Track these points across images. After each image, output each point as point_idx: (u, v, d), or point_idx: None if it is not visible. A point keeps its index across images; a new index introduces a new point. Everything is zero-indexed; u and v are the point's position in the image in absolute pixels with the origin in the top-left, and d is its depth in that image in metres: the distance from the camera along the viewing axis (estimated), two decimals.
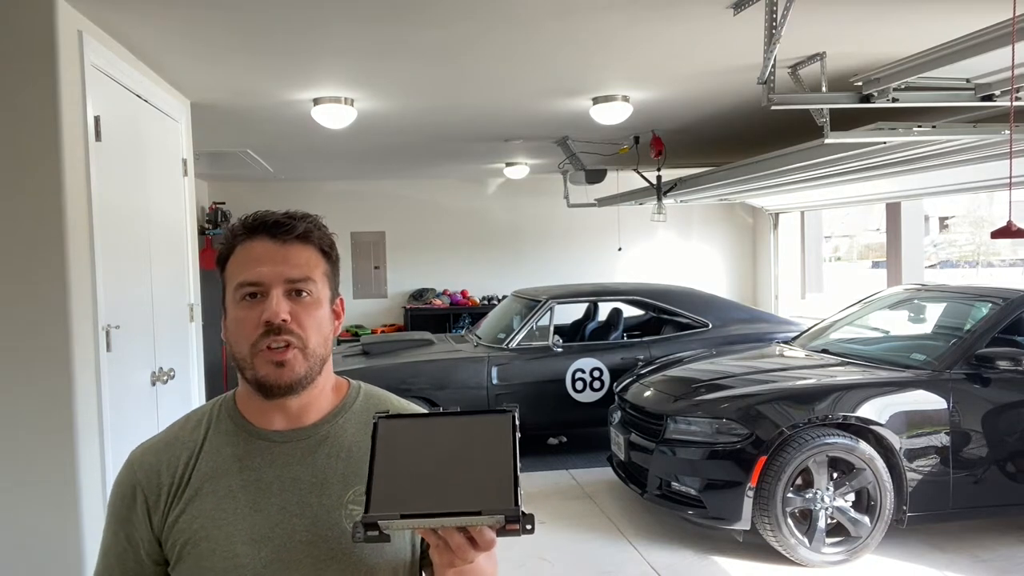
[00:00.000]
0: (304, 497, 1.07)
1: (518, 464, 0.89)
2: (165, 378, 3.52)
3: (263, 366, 1.05)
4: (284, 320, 1.04)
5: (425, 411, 1.04)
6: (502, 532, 0.87)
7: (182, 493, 1.07)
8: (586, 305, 6.93)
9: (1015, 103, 2.97)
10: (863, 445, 3.63)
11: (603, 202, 7.95)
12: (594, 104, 4.73)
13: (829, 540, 3.65)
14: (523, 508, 0.86)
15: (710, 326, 5.93)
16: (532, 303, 5.94)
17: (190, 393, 3.95)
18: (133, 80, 3.35)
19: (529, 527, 0.85)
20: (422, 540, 1.12)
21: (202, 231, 7.76)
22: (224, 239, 1.12)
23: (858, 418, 3.64)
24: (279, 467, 1.08)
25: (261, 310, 1.04)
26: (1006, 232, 2.49)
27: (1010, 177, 2.57)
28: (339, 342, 8.56)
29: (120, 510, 1.10)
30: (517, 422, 0.93)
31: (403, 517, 0.86)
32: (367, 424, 1.13)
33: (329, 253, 1.12)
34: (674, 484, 3.87)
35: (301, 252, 1.08)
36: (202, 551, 1.04)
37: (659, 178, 6.34)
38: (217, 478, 1.08)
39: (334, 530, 1.05)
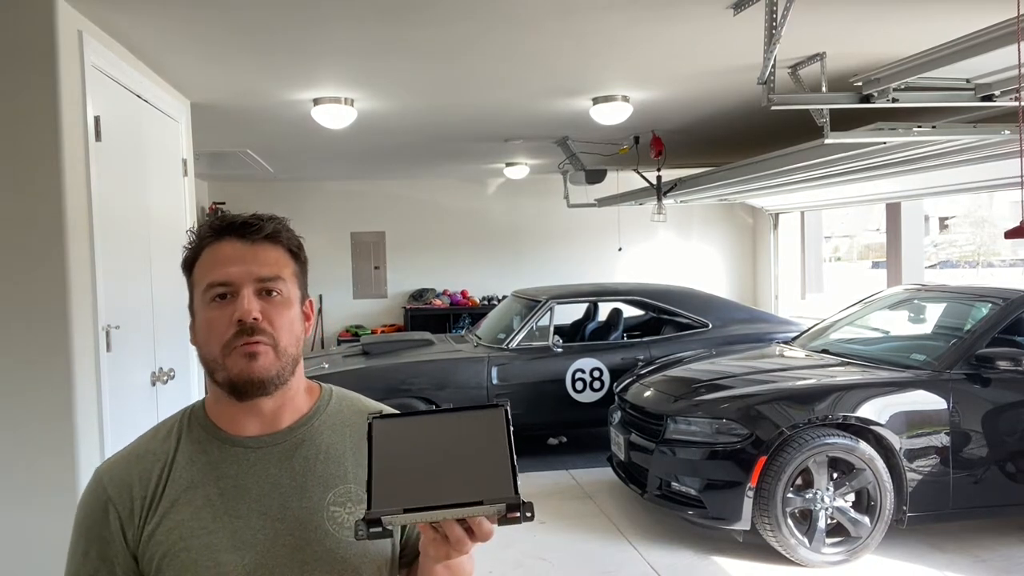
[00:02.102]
0: (285, 501, 1.06)
1: (514, 454, 0.90)
2: (165, 378, 3.52)
3: (235, 363, 1.03)
4: (256, 319, 1.03)
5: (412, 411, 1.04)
6: (503, 521, 0.88)
7: (157, 506, 1.05)
8: (586, 305, 6.93)
9: (1021, 102, 2.97)
10: (863, 445, 3.63)
11: (603, 202, 7.95)
12: (594, 104, 4.73)
13: (829, 540, 3.65)
14: (522, 496, 0.87)
15: (710, 326, 5.92)
16: (532, 303, 5.94)
17: (190, 393, 3.95)
18: (133, 80, 3.35)
19: (529, 514, 0.87)
20: (401, 538, 1.13)
21: None
22: (190, 242, 1.10)
23: (858, 418, 3.64)
24: (257, 472, 1.07)
25: (232, 310, 1.03)
26: (1020, 232, 2.49)
27: (1022, 176, 2.56)
28: (339, 342, 8.57)
29: (90, 528, 1.06)
30: (509, 415, 0.94)
31: (406, 511, 0.86)
32: (343, 426, 1.13)
33: (298, 254, 1.12)
34: (674, 484, 3.87)
35: (270, 252, 1.07)
36: (183, 562, 1.02)
37: (659, 178, 6.34)
38: (193, 488, 1.06)
39: (317, 532, 1.05)
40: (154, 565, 1.03)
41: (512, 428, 0.93)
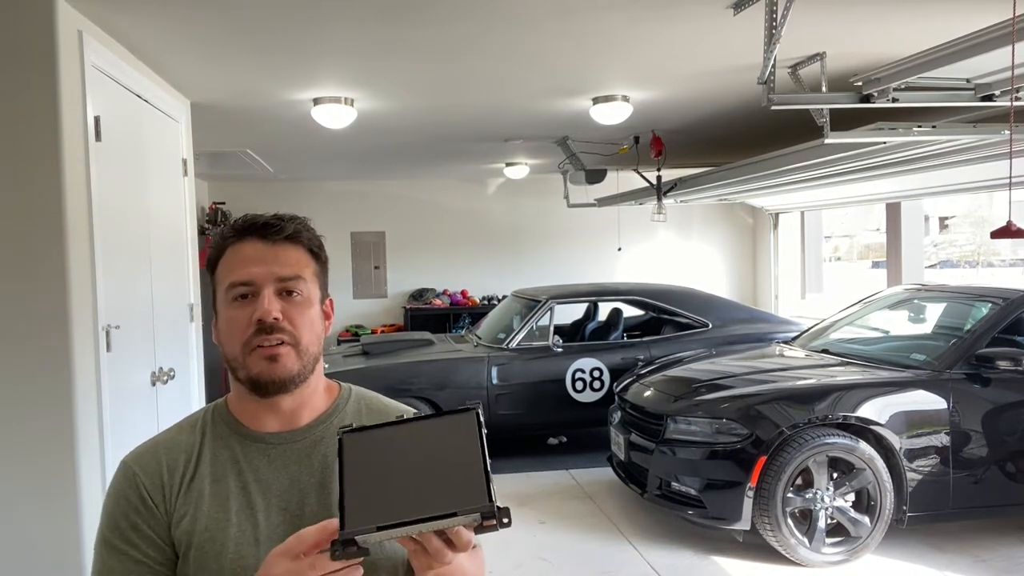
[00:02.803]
0: (304, 497, 1.08)
1: (487, 460, 0.89)
2: (165, 378, 3.52)
3: (256, 363, 1.05)
4: (276, 319, 1.05)
5: (393, 419, 1.03)
6: (480, 529, 0.87)
7: (184, 496, 1.07)
8: (586, 305, 6.93)
9: (1015, 103, 2.97)
10: (863, 445, 3.63)
11: (603, 202, 7.95)
12: (594, 104, 4.73)
13: (829, 540, 3.65)
14: (497, 503, 0.86)
15: (710, 326, 5.93)
16: (532, 303, 5.94)
17: (190, 393, 3.95)
18: (133, 80, 3.35)
19: (506, 520, 0.85)
20: None
21: (202, 231, 7.76)
22: (214, 242, 1.13)
23: (858, 418, 3.64)
24: (278, 468, 1.09)
25: (253, 310, 1.05)
26: (1006, 232, 2.49)
27: (1010, 177, 2.57)
28: (339, 342, 8.57)
29: (126, 513, 1.06)
30: (481, 418, 0.93)
31: (379, 529, 0.85)
32: (361, 423, 1.14)
33: (318, 254, 1.14)
34: (674, 484, 3.87)
35: (291, 252, 1.10)
36: (207, 553, 1.04)
37: (659, 178, 6.34)
38: (217, 481, 1.08)
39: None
40: (180, 553, 1.06)
41: (485, 431, 0.92)
